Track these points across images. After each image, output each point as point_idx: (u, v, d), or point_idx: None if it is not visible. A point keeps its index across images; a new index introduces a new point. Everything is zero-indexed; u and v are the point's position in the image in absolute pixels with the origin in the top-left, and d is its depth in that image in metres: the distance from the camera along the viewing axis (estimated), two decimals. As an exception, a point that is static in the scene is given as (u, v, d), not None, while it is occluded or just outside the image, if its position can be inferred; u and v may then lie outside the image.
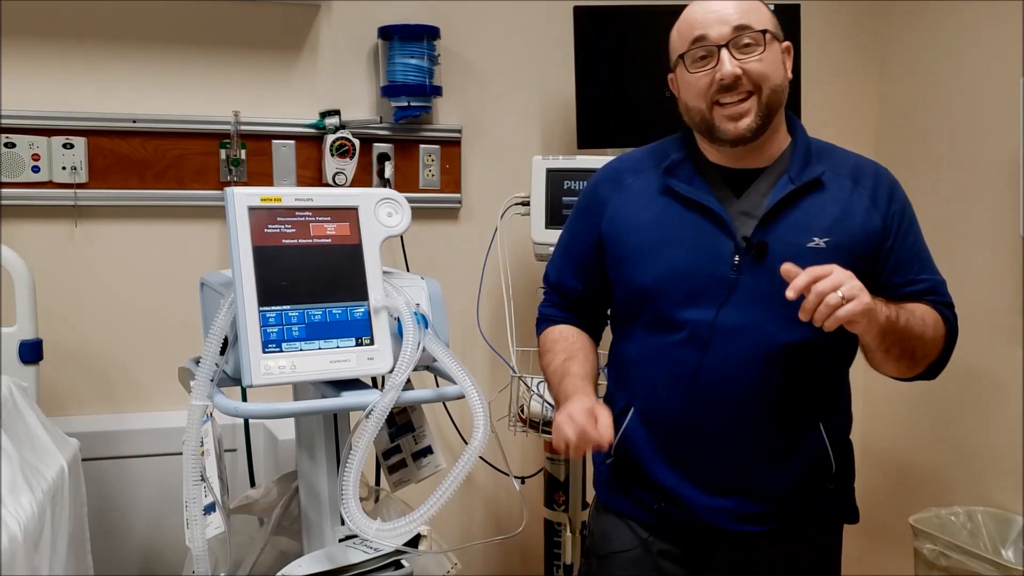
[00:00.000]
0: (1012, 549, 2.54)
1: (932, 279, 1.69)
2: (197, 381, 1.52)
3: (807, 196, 1.62)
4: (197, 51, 2.57)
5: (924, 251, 1.70)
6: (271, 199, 1.55)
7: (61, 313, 2.47)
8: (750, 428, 1.62)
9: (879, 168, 1.70)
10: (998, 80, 2.62)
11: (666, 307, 1.64)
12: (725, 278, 1.60)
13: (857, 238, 1.61)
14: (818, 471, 1.66)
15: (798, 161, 1.65)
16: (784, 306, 1.49)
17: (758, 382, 1.60)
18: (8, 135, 2.41)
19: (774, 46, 1.63)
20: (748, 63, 1.59)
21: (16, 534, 1.61)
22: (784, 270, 1.46)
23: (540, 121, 2.88)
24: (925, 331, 1.60)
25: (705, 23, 1.61)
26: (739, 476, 1.65)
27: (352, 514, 1.48)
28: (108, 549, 2.41)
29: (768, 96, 1.60)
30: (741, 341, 1.60)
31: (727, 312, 1.60)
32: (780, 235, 1.60)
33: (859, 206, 1.63)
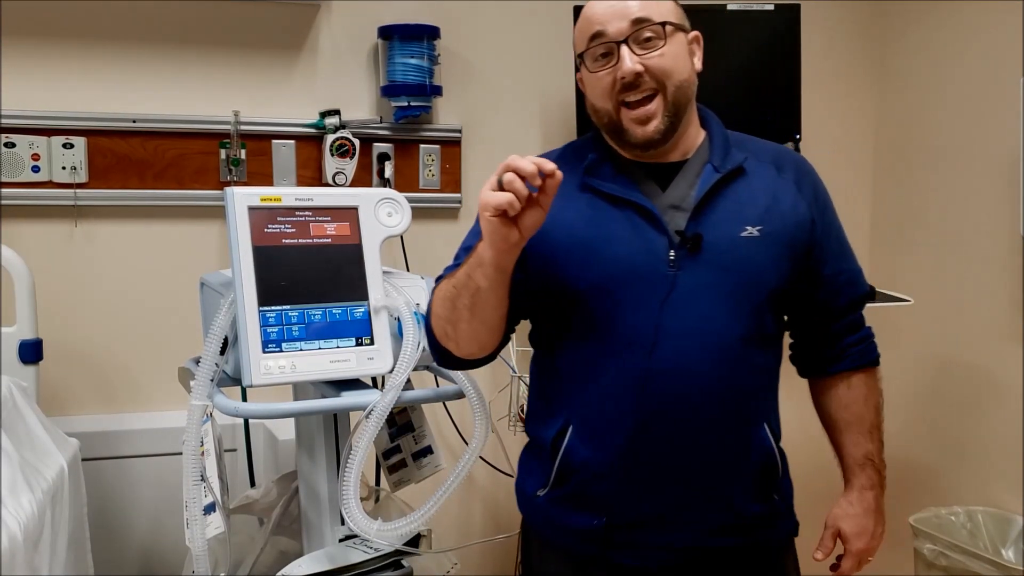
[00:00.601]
0: (1012, 549, 2.54)
1: (853, 268, 1.70)
2: (197, 381, 1.52)
3: (733, 184, 1.56)
4: (197, 51, 2.57)
5: (844, 238, 1.69)
6: (271, 199, 1.55)
7: (61, 313, 2.47)
8: (703, 431, 1.53)
9: (797, 156, 1.69)
10: (998, 80, 2.62)
11: (601, 312, 1.53)
12: (663, 275, 1.51)
13: (789, 226, 1.57)
14: (768, 475, 1.60)
15: (718, 151, 1.59)
16: (729, 298, 1.51)
17: (712, 381, 1.52)
18: (8, 135, 2.41)
19: (678, 38, 1.54)
20: (649, 59, 1.51)
21: (16, 534, 1.61)
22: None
23: (540, 121, 2.88)
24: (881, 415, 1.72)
25: (603, 18, 1.53)
26: (699, 485, 1.55)
27: (353, 514, 1.48)
28: (108, 549, 2.40)
29: (673, 93, 1.52)
30: (687, 338, 1.50)
31: (669, 311, 1.50)
32: (713, 226, 1.53)
33: (786, 193, 1.59)
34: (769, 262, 1.54)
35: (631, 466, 1.53)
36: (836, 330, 1.68)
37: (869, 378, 1.70)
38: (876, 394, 1.70)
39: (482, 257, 1.40)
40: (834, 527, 1.68)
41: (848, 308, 1.68)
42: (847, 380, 1.69)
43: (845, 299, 1.67)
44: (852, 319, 1.69)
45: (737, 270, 1.52)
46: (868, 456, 1.68)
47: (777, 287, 1.55)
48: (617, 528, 1.56)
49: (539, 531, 1.67)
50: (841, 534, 1.68)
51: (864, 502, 1.67)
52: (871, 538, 1.67)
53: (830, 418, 1.71)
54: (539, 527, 1.67)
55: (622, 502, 1.55)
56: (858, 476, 1.68)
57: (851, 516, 1.67)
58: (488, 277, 1.41)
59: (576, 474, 1.57)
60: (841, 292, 1.66)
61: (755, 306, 1.54)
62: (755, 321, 1.54)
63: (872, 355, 1.71)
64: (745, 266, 1.52)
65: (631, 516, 1.56)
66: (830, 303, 1.66)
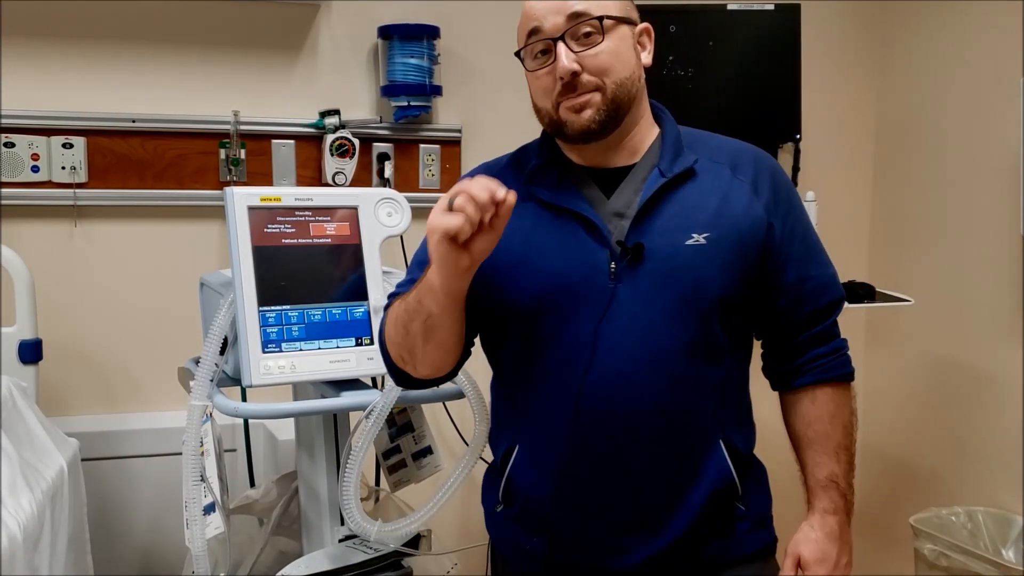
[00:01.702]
0: (1012, 549, 2.54)
1: (822, 274, 1.56)
2: (197, 381, 1.52)
3: (681, 188, 1.47)
4: (197, 51, 2.57)
5: (813, 241, 1.56)
6: (271, 199, 1.55)
7: (61, 313, 2.47)
8: (645, 450, 1.45)
9: (759, 153, 1.56)
10: (998, 80, 2.62)
11: (541, 327, 1.47)
12: (603, 288, 1.43)
13: (742, 230, 1.46)
14: (723, 497, 1.50)
15: (668, 152, 1.50)
16: (671, 310, 1.43)
17: (649, 396, 1.44)
18: (8, 135, 2.41)
19: (620, 32, 1.46)
20: (586, 57, 1.43)
21: (16, 534, 1.61)
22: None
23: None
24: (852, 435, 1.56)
25: (540, 14, 1.46)
26: (639, 508, 1.48)
27: (353, 514, 1.48)
28: (108, 549, 2.40)
29: (613, 91, 1.44)
30: (626, 353, 1.43)
31: (608, 325, 1.43)
32: (657, 234, 1.44)
33: (740, 195, 1.48)
34: (715, 270, 1.45)
35: (570, 488, 1.48)
36: (801, 341, 1.55)
37: (838, 394, 1.55)
38: (846, 412, 1.55)
39: (432, 282, 1.35)
40: (794, 553, 1.53)
41: (814, 317, 1.54)
42: (811, 394, 1.55)
43: (810, 307, 1.54)
44: (820, 330, 1.55)
45: (680, 280, 1.44)
46: (832, 478, 1.53)
47: (724, 296, 1.45)
48: (560, 550, 1.52)
49: (499, 548, 1.64)
50: (801, 561, 1.52)
51: (826, 526, 1.52)
52: (834, 566, 1.51)
53: (794, 435, 1.58)
54: (498, 544, 1.64)
55: (562, 525, 1.51)
56: (820, 499, 1.53)
57: (812, 541, 1.51)
58: (439, 303, 1.36)
59: (520, 495, 1.54)
60: (806, 300, 1.53)
61: (700, 317, 1.44)
62: (701, 333, 1.44)
63: (842, 369, 1.57)
64: (688, 276, 1.44)
65: (572, 540, 1.51)
66: (793, 312, 1.53)
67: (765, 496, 1.60)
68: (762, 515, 1.58)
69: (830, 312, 1.56)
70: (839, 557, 1.52)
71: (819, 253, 1.57)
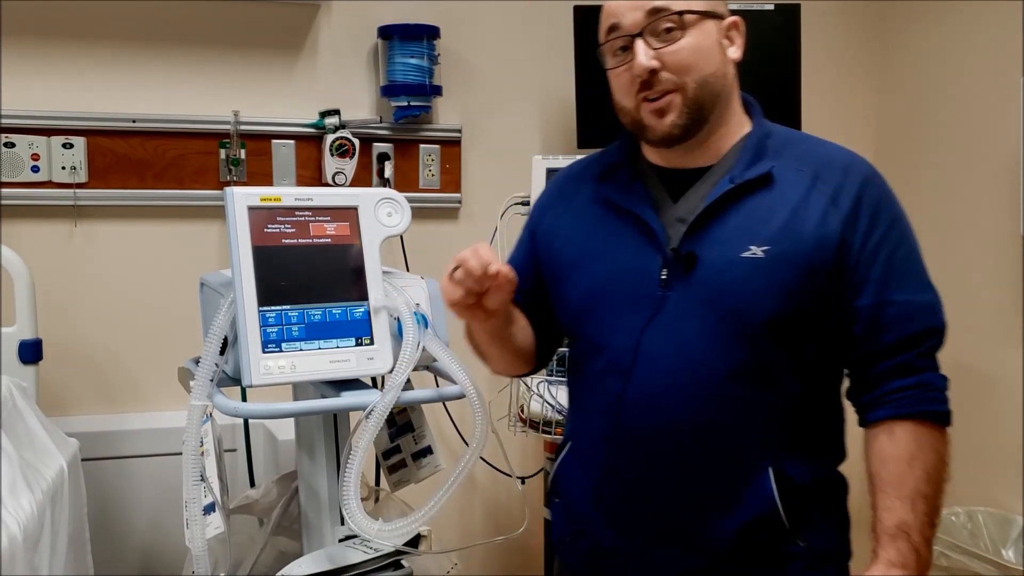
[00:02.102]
0: (1012, 549, 2.54)
1: (911, 300, 1.38)
2: (197, 381, 1.51)
3: (752, 196, 1.38)
4: (197, 51, 2.57)
5: (904, 264, 1.39)
6: (271, 199, 1.55)
7: (61, 313, 2.47)
8: (679, 470, 1.39)
9: (853, 162, 1.42)
10: (998, 80, 2.62)
11: (592, 330, 1.46)
12: (652, 295, 1.39)
13: (808, 247, 1.35)
14: (765, 528, 1.38)
15: (746, 156, 1.41)
16: (718, 325, 1.35)
17: (685, 414, 1.37)
18: (8, 135, 2.41)
19: (703, 27, 1.38)
20: (666, 54, 1.37)
21: (16, 534, 1.61)
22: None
23: (540, 121, 2.88)
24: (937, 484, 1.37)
25: (620, 9, 1.40)
26: (671, 525, 1.42)
27: (353, 514, 1.47)
28: (108, 549, 2.40)
29: (695, 90, 1.37)
30: (666, 366, 1.38)
31: (651, 335, 1.38)
32: (713, 244, 1.37)
33: (815, 208, 1.36)
34: (770, 288, 1.34)
35: (606, 495, 1.46)
36: (879, 372, 1.38)
37: (921, 433, 1.35)
38: (930, 456, 1.35)
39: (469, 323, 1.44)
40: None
41: (897, 347, 1.37)
42: (889, 430, 1.36)
43: (893, 336, 1.37)
44: (903, 360, 1.37)
45: (729, 296, 1.36)
46: (903, 527, 1.33)
47: (777, 317, 1.35)
48: (598, 557, 1.49)
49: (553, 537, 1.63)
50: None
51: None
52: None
53: (869, 473, 1.39)
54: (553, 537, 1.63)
55: (601, 529, 1.48)
56: (886, 549, 1.33)
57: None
58: (486, 332, 1.48)
59: (564, 491, 1.55)
60: (886, 328, 1.37)
61: (748, 336, 1.35)
62: (749, 354, 1.35)
63: (928, 406, 1.37)
64: (738, 292, 1.35)
65: (610, 544, 1.47)
66: (871, 340, 1.37)
67: (834, 531, 1.46)
68: (826, 551, 1.43)
69: (918, 342, 1.38)
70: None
71: (911, 277, 1.39)
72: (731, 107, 1.45)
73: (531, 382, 2.35)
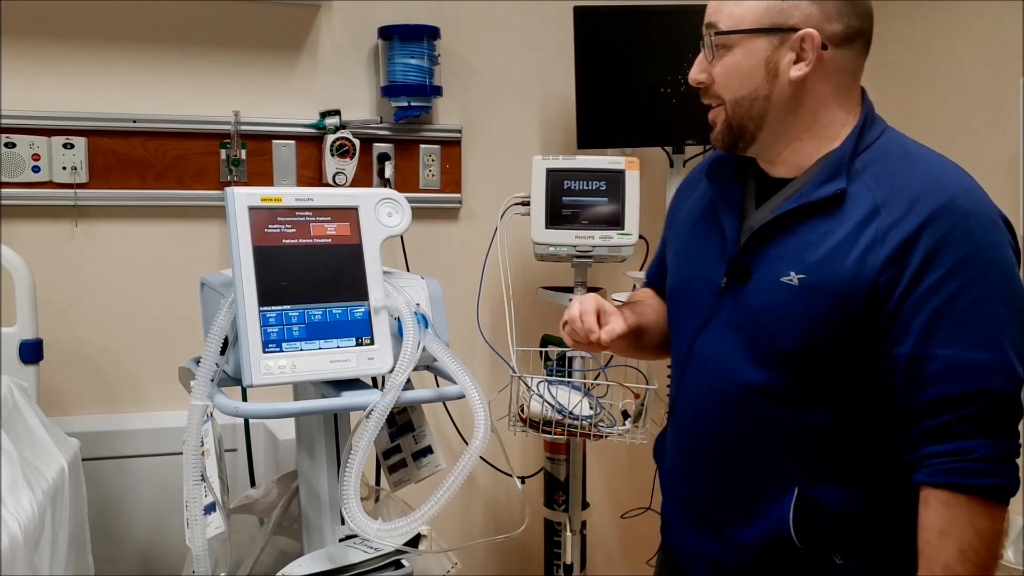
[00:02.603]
0: (1012, 549, 2.54)
1: (960, 357, 1.24)
2: (197, 381, 1.52)
3: (817, 217, 1.34)
4: (197, 51, 2.57)
5: (967, 314, 1.25)
6: (271, 199, 1.55)
7: (61, 313, 2.47)
8: (712, 469, 1.45)
9: (932, 192, 1.29)
10: (998, 80, 2.62)
11: (673, 320, 1.56)
12: (710, 301, 1.43)
13: (841, 281, 1.29)
14: (778, 543, 1.38)
15: (821, 174, 1.36)
16: (746, 343, 1.37)
17: (720, 420, 1.42)
18: (8, 135, 2.42)
19: (749, 46, 1.35)
20: (712, 69, 1.39)
21: (16, 534, 1.61)
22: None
23: (540, 121, 2.88)
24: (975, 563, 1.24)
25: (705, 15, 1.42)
26: (704, 514, 1.48)
27: (353, 514, 1.48)
28: (108, 549, 2.41)
29: (732, 107, 1.38)
30: (707, 374, 1.43)
31: (703, 339, 1.44)
32: (765, 261, 1.37)
33: (862, 239, 1.29)
34: (797, 317, 1.32)
35: (669, 473, 1.58)
36: (916, 432, 1.28)
37: (954, 506, 1.24)
38: (966, 532, 1.24)
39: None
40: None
41: (933, 408, 1.26)
42: (924, 498, 1.28)
43: (931, 394, 1.26)
44: (939, 423, 1.26)
45: (760, 317, 1.36)
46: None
47: (806, 346, 1.32)
48: (673, 528, 1.58)
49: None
50: None
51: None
52: None
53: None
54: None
55: (666, 501, 1.61)
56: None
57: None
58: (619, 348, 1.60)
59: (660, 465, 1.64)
60: (925, 384, 1.26)
61: (775, 359, 1.35)
62: (777, 376, 1.35)
63: (962, 478, 1.24)
64: (769, 315, 1.35)
65: (668, 514, 1.60)
66: (908, 395, 1.28)
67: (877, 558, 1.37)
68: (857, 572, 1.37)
69: (960, 405, 1.25)
70: None
71: (969, 332, 1.25)
72: (804, 122, 1.38)
73: (531, 382, 2.36)
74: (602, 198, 2.48)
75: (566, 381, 2.40)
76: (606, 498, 2.97)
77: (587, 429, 2.34)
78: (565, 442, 2.61)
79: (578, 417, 2.32)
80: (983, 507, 1.24)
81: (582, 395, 2.35)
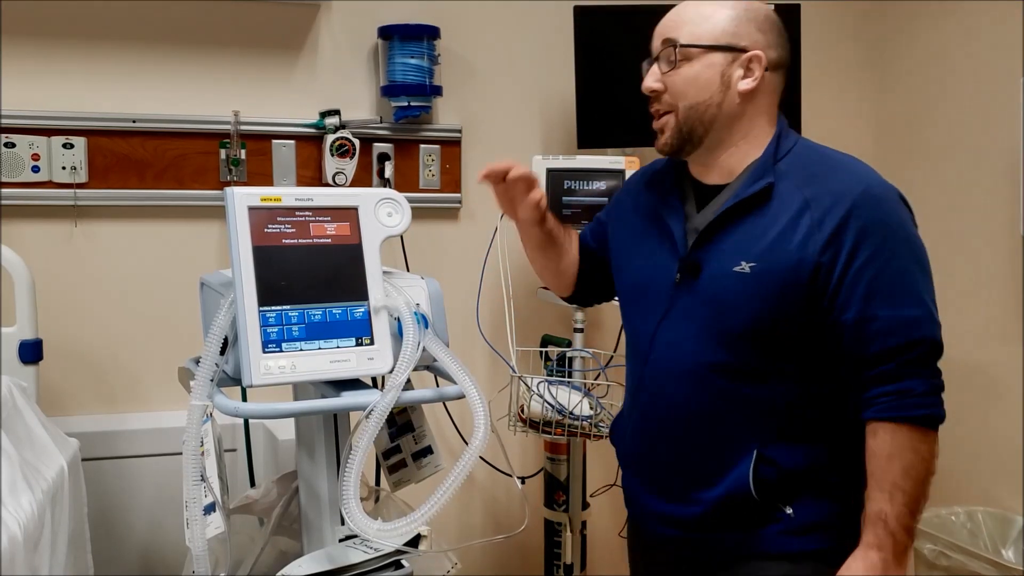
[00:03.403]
0: (1012, 549, 2.54)
1: (895, 316, 1.50)
2: (197, 381, 1.51)
3: (752, 214, 1.56)
4: (197, 51, 2.57)
5: (895, 281, 1.51)
6: (271, 199, 1.55)
7: (61, 313, 2.47)
8: (677, 443, 1.64)
9: (852, 186, 1.52)
10: (998, 80, 2.62)
11: (627, 313, 1.75)
12: (667, 294, 1.63)
13: (785, 266, 1.51)
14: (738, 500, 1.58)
15: (752, 175, 1.58)
16: (708, 327, 1.57)
17: (682, 400, 1.61)
18: (8, 135, 2.42)
19: (706, 59, 1.56)
20: (667, 78, 1.60)
21: (16, 534, 1.61)
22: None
23: (540, 121, 2.88)
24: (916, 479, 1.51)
25: (655, 32, 1.64)
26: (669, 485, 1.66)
27: (353, 514, 1.48)
28: (108, 549, 2.41)
29: (685, 114, 1.58)
30: (670, 356, 1.62)
31: (664, 327, 1.63)
32: (714, 256, 1.58)
33: (799, 229, 1.51)
34: (752, 301, 1.53)
35: (631, 453, 1.75)
36: (865, 379, 1.52)
37: (899, 435, 1.50)
38: (908, 455, 1.50)
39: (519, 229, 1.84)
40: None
41: (879, 358, 1.50)
42: (872, 431, 1.52)
43: (875, 348, 1.50)
44: (884, 370, 1.50)
45: (717, 304, 1.56)
46: (880, 515, 1.50)
47: (756, 327, 1.54)
48: (636, 497, 1.75)
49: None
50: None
51: (867, 559, 1.50)
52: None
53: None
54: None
55: (629, 477, 1.77)
56: (867, 533, 1.52)
57: (852, 569, 1.51)
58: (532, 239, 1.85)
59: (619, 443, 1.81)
60: (870, 340, 1.50)
61: (731, 340, 1.56)
62: (730, 355, 1.56)
63: (907, 412, 1.51)
64: (725, 301, 1.55)
65: (634, 489, 1.75)
66: (856, 352, 1.52)
67: (824, 508, 1.60)
68: (811, 523, 1.59)
69: (899, 353, 1.50)
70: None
71: (898, 294, 1.51)
72: (736, 131, 1.60)
73: (531, 382, 2.36)
74: (602, 198, 2.48)
75: (566, 381, 2.40)
76: (606, 498, 2.97)
77: (587, 429, 2.34)
78: (565, 442, 2.61)
79: (578, 417, 2.32)
80: (920, 434, 1.52)
81: (582, 395, 2.35)
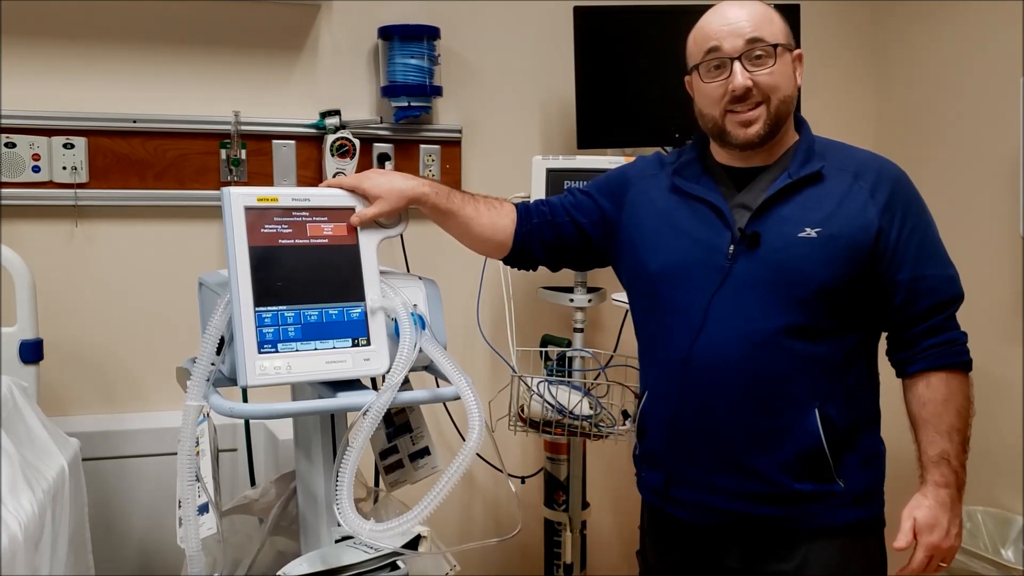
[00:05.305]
0: (1012, 549, 2.54)
1: (939, 274, 1.71)
2: (192, 381, 1.52)
3: (804, 190, 1.69)
4: (197, 51, 2.57)
5: (932, 244, 1.73)
6: (268, 199, 1.55)
7: (61, 313, 2.47)
8: (739, 410, 1.68)
9: (884, 164, 1.74)
10: (998, 80, 2.62)
11: (667, 293, 1.74)
12: (720, 266, 1.68)
13: (853, 229, 1.66)
14: (812, 458, 1.67)
15: (800, 157, 1.71)
16: (777, 291, 1.65)
17: (747, 365, 1.66)
18: (8, 135, 2.42)
19: (785, 57, 1.69)
20: (759, 75, 1.66)
21: (16, 534, 1.61)
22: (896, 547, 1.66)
23: (540, 121, 2.88)
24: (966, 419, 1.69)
25: (719, 35, 1.68)
26: (732, 455, 1.69)
27: (346, 514, 1.48)
28: (108, 549, 2.41)
29: (777, 106, 1.68)
30: (731, 325, 1.67)
31: (720, 299, 1.68)
32: (773, 226, 1.67)
33: (857, 199, 1.68)
34: (822, 261, 1.64)
35: (678, 433, 1.74)
36: (916, 333, 1.71)
37: (952, 380, 1.69)
38: (959, 397, 1.69)
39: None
40: (910, 516, 1.68)
41: (929, 312, 1.70)
42: (926, 379, 1.70)
43: (927, 303, 1.69)
44: (934, 323, 1.70)
45: (787, 267, 1.65)
46: (943, 455, 1.67)
47: (828, 285, 1.64)
48: (672, 486, 1.76)
49: (638, 485, 1.89)
50: (915, 525, 1.68)
51: (938, 496, 1.67)
52: (944, 535, 1.67)
53: (911, 415, 1.74)
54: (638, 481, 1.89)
55: (673, 464, 1.76)
56: (932, 473, 1.68)
57: (924, 507, 1.67)
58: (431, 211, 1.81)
59: (645, 436, 1.82)
60: (921, 296, 1.69)
61: (802, 301, 1.64)
62: (801, 316, 1.64)
63: (956, 358, 1.70)
64: (796, 263, 1.64)
65: (681, 478, 1.75)
66: (909, 308, 1.69)
67: (870, 476, 1.74)
68: (858, 493, 1.72)
69: (945, 308, 1.70)
70: (949, 526, 1.67)
71: (937, 255, 1.73)
72: (790, 121, 1.74)
73: (531, 382, 2.36)
74: (602, 198, 2.47)
75: (566, 381, 2.40)
76: (606, 498, 2.97)
77: (587, 429, 2.34)
78: (565, 442, 2.61)
79: (578, 417, 2.32)
80: (965, 377, 1.71)
81: (582, 395, 2.35)
